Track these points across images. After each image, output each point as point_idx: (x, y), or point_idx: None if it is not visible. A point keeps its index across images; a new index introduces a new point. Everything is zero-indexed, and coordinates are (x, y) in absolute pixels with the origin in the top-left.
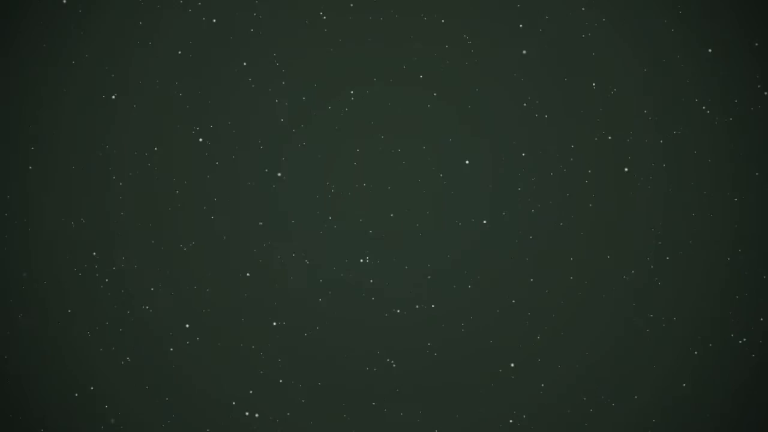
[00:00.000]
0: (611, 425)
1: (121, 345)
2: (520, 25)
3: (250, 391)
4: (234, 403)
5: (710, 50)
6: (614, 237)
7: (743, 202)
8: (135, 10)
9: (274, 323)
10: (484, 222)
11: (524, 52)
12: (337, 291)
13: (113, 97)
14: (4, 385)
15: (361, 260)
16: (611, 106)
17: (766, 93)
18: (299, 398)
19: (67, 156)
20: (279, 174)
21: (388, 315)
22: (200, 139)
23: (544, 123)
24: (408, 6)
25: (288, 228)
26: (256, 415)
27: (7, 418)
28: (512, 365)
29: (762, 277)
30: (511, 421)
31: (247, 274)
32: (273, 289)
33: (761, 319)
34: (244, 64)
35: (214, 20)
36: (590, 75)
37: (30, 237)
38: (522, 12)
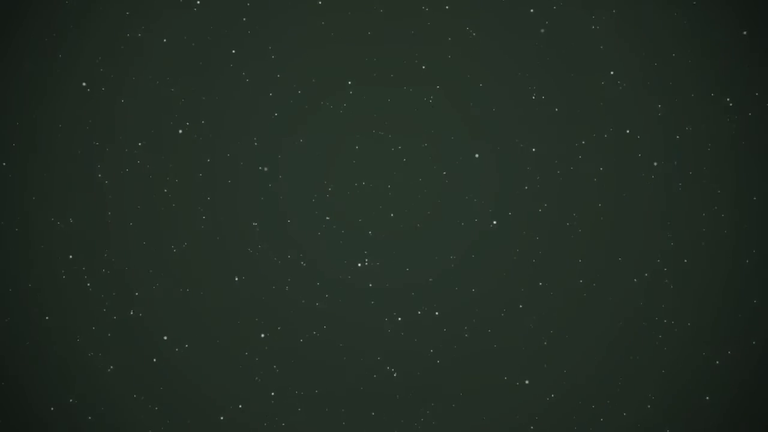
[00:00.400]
0: None
1: (108, 351)
2: (530, 11)
3: (245, 398)
4: (228, 409)
5: (745, 32)
6: (624, 238)
7: (760, 201)
8: (125, 4)
9: (270, 328)
10: (489, 222)
11: (530, 45)
12: (335, 294)
13: (101, 91)
14: None
15: (360, 263)
16: (621, 102)
17: None
18: (296, 406)
19: (54, 154)
20: (274, 172)
21: (389, 319)
22: (193, 136)
23: (551, 119)
24: None
25: (284, 229)
26: (251, 423)
27: None
28: (518, 371)
29: None
30: (516, 429)
31: (243, 277)
32: (268, 293)
33: None
34: (233, 51)
35: (207, 12)
36: (598, 69)
37: (16, 238)
38: (528, 4)
